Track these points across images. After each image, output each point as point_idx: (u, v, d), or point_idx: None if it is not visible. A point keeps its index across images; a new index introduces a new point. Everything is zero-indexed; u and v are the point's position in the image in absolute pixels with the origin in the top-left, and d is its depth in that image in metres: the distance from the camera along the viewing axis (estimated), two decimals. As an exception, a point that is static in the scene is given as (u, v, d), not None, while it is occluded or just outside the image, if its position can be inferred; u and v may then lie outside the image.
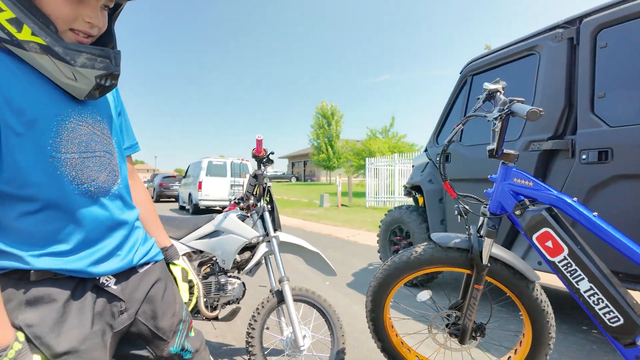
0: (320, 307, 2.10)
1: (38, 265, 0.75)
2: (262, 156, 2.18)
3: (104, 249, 0.85)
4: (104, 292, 0.86)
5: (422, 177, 4.01)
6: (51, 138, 0.75)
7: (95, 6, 0.78)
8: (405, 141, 22.37)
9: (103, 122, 0.87)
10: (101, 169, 0.84)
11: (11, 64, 0.72)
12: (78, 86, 0.78)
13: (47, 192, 0.76)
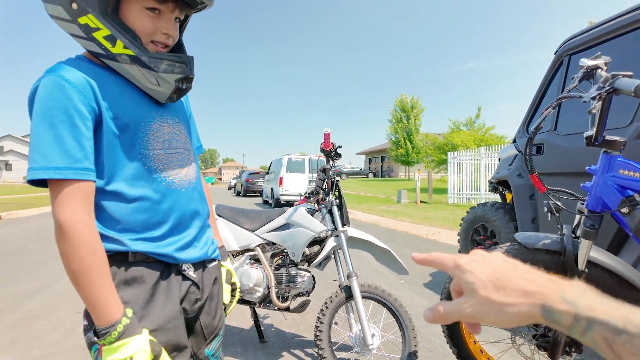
0: (390, 305, 2.02)
1: (135, 248, 0.84)
2: (330, 150, 2.16)
3: (186, 237, 0.93)
4: (186, 278, 0.94)
5: (510, 171, 3.63)
6: (140, 138, 0.85)
7: (170, 19, 0.87)
8: (493, 133, 20.62)
9: (180, 123, 0.97)
10: (182, 164, 0.93)
11: (107, 77, 0.83)
12: (161, 90, 0.87)
13: (139, 184, 0.85)
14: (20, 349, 2.35)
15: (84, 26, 0.79)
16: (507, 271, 0.40)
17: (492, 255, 0.43)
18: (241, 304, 2.26)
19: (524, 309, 0.37)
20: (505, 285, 0.38)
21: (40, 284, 3.77)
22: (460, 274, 0.42)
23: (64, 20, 0.80)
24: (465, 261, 0.42)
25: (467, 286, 0.40)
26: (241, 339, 2.53)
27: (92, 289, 0.75)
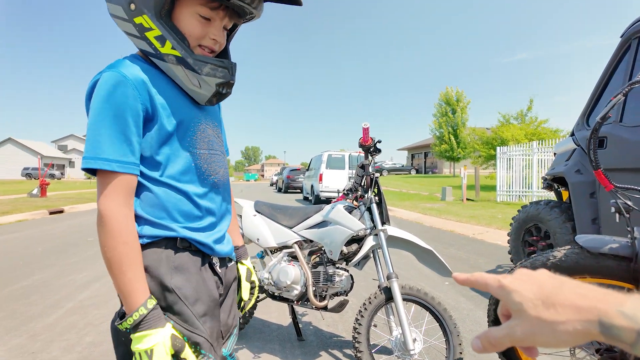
0: (433, 309, 1.91)
1: (183, 234, 0.89)
2: (369, 145, 2.07)
3: (220, 232, 0.99)
4: (215, 273, 0.98)
5: (567, 167, 3.34)
6: (189, 136, 0.90)
7: (220, 26, 0.90)
8: (547, 127, 19.29)
9: (217, 127, 1.02)
10: (220, 165, 0.99)
11: (159, 76, 0.87)
12: (201, 92, 0.90)
13: (187, 179, 0.90)
14: (75, 336, 2.50)
15: (139, 25, 0.84)
16: (555, 287, 0.37)
17: (536, 272, 0.41)
18: (279, 301, 2.25)
19: (580, 327, 0.34)
20: (555, 303, 0.36)
21: (95, 274, 4.02)
22: (506, 294, 0.39)
23: (122, 19, 0.85)
24: (509, 281, 0.40)
25: (515, 307, 0.38)
26: (279, 336, 2.52)
27: (121, 277, 0.78)
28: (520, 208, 3.89)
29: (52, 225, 7.76)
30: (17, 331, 2.56)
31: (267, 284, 2.21)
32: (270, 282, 2.20)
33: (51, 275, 3.95)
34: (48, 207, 10.46)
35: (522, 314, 0.37)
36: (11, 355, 2.21)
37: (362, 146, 2.09)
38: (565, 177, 3.32)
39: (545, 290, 0.37)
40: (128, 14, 0.84)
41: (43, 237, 6.29)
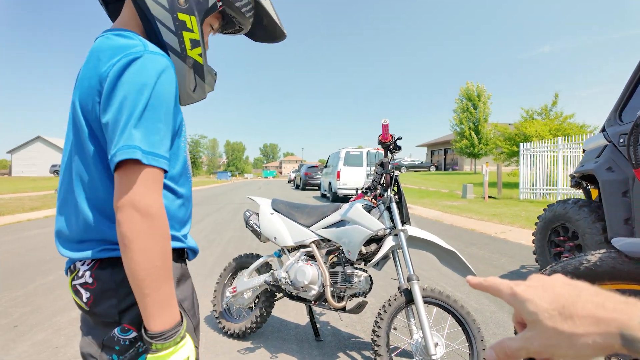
0: (456, 313, 1.84)
1: (188, 244, 0.84)
2: (388, 142, 2.01)
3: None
4: None
5: (598, 164, 3.18)
6: (184, 137, 0.84)
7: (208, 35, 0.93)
8: (573, 122, 18.58)
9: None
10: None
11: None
12: (191, 96, 0.89)
13: (182, 182, 0.84)
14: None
15: (181, 22, 0.80)
16: (571, 296, 0.35)
17: (551, 278, 0.38)
18: (296, 300, 2.22)
19: (600, 340, 0.32)
20: (572, 313, 0.33)
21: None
22: (519, 303, 0.37)
23: (161, 5, 0.78)
24: (522, 289, 0.37)
25: (530, 317, 0.36)
26: (297, 336, 2.49)
27: (168, 285, 0.68)
28: (547, 207, 3.74)
29: (77, 221, 7.99)
30: (42, 325, 2.62)
31: (285, 283, 2.18)
32: (288, 281, 2.17)
33: (75, 271, 4.05)
34: (74, 204, 10.78)
35: (538, 325, 0.35)
36: (36, 350, 2.26)
37: (382, 143, 2.03)
38: (596, 174, 3.17)
39: (562, 299, 0.35)
40: (172, 6, 0.78)
41: (68, 233, 6.47)
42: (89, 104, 0.71)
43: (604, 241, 3.07)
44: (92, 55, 0.73)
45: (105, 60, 0.70)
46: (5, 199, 11.99)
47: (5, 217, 8.02)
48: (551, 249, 3.64)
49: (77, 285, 0.75)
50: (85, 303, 0.74)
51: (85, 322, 0.79)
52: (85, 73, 0.73)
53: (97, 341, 0.74)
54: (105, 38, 0.75)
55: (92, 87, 0.70)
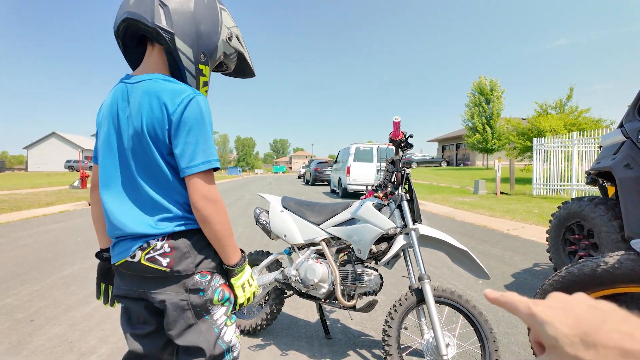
0: (467, 312, 1.81)
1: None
2: (400, 140, 1.98)
3: None
4: None
5: (615, 161, 3.10)
6: None
7: None
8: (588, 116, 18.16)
9: None
10: None
11: None
12: None
13: None
14: (110, 326, 2.58)
15: (199, 70, 1.10)
16: (595, 321, 0.32)
17: (573, 299, 0.35)
18: (306, 298, 2.22)
19: None
20: (596, 342, 0.31)
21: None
22: (538, 325, 0.34)
23: (187, 57, 1.07)
24: (541, 309, 0.35)
25: (549, 341, 0.33)
26: (307, 333, 2.50)
27: (231, 239, 1.07)
28: (562, 204, 3.67)
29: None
30: (58, 320, 2.68)
31: (295, 281, 2.18)
32: (298, 279, 2.17)
33: (90, 266, 4.12)
34: (88, 199, 10.97)
35: (558, 351, 0.33)
36: (52, 344, 2.31)
37: (393, 141, 2.00)
38: (613, 171, 3.09)
39: (584, 325, 0.32)
40: (195, 58, 1.08)
41: (83, 228, 6.59)
42: (159, 131, 0.99)
43: (620, 240, 3.00)
44: (151, 95, 1.00)
45: (169, 101, 0.98)
46: (22, 194, 12.26)
47: (22, 212, 8.20)
48: (565, 247, 3.58)
49: (155, 256, 1.02)
50: (165, 267, 1.02)
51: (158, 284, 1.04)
52: (146, 107, 0.99)
53: (182, 289, 1.03)
54: (154, 82, 1.02)
55: (159, 119, 0.98)
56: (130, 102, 1.02)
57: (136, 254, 1.02)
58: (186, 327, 1.04)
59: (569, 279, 1.38)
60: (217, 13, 1.13)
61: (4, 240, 5.51)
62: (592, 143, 10.33)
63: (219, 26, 1.13)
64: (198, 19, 1.07)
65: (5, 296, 3.16)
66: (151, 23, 1.01)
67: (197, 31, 1.07)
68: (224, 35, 1.15)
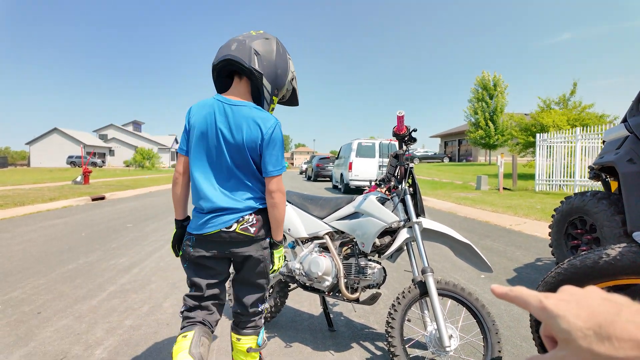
0: (470, 305, 1.83)
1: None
2: (403, 134, 1.99)
3: None
4: None
5: (618, 156, 3.10)
6: None
7: None
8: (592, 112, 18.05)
9: None
10: None
11: None
12: None
13: None
14: (116, 318, 2.61)
15: (272, 100, 1.56)
16: (609, 314, 0.31)
17: (586, 291, 0.35)
18: (310, 291, 2.24)
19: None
20: (610, 334, 0.30)
21: (134, 260, 4.19)
22: (550, 319, 0.34)
23: (267, 91, 1.51)
24: (553, 302, 0.34)
25: (562, 335, 0.33)
26: (310, 326, 2.52)
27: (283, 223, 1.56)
28: (564, 199, 3.67)
29: (94, 211, 8.18)
30: (64, 312, 2.71)
31: (299, 274, 2.20)
32: (302, 272, 2.19)
33: (94, 260, 4.16)
34: (90, 194, 11.02)
35: (571, 345, 0.32)
36: (59, 336, 2.34)
37: (396, 135, 2.01)
38: (616, 166, 3.09)
39: (599, 317, 0.31)
40: (272, 92, 1.54)
41: (86, 223, 6.64)
42: (253, 144, 1.43)
43: (623, 234, 3.00)
44: (249, 119, 1.43)
45: (262, 125, 1.43)
46: (25, 190, 12.32)
47: (26, 207, 8.25)
48: (568, 242, 3.59)
49: (247, 226, 1.48)
50: (252, 233, 1.48)
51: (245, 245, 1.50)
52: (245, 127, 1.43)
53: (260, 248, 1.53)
54: (249, 109, 1.45)
55: (255, 136, 1.43)
56: (229, 119, 1.44)
57: (232, 226, 1.46)
58: (260, 272, 1.55)
59: (571, 271, 1.39)
60: (287, 61, 1.57)
61: (8, 234, 5.55)
62: (595, 138, 10.29)
63: (288, 71, 1.57)
64: (276, 65, 1.50)
65: (12, 289, 3.19)
66: (248, 65, 1.43)
67: (275, 73, 1.51)
68: (289, 77, 1.60)
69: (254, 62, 1.43)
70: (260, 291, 1.61)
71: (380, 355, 2.13)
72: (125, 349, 2.19)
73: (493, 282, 3.39)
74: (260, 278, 1.57)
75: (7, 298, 2.99)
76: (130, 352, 2.15)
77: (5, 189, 12.97)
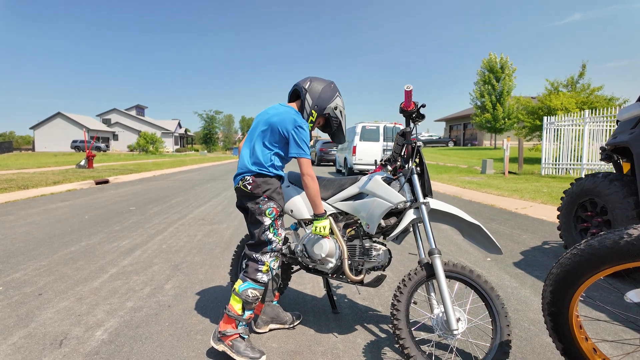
0: (479, 287, 1.77)
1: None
2: (411, 110, 1.89)
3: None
4: None
5: (633, 136, 2.99)
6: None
7: None
8: (600, 94, 17.68)
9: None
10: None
11: None
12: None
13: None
14: (117, 300, 2.59)
15: (311, 113, 2.01)
16: None
17: None
18: (313, 273, 2.19)
19: None
20: None
21: (137, 242, 4.17)
22: None
23: (309, 104, 2.00)
24: None
25: None
26: (314, 308, 2.48)
27: (319, 197, 1.93)
28: (575, 181, 3.57)
29: (98, 195, 8.17)
30: (66, 294, 2.69)
31: (301, 256, 2.15)
32: (305, 254, 2.13)
33: (96, 242, 4.14)
34: (94, 178, 11.03)
35: None
36: (60, 317, 2.32)
37: (404, 111, 1.91)
38: (630, 146, 2.99)
39: None
40: (312, 107, 2.00)
41: (90, 206, 6.63)
42: (278, 129, 1.91)
43: (635, 217, 2.92)
44: (289, 112, 1.93)
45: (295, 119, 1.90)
46: (29, 174, 12.35)
47: (30, 191, 8.26)
48: (577, 225, 3.51)
49: (246, 184, 1.92)
50: (249, 189, 1.91)
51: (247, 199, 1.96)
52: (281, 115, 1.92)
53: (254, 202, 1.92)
54: (294, 111, 1.97)
55: (283, 123, 1.90)
56: (275, 110, 1.98)
57: (239, 182, 1.97)
58: (254, 221, 1.94)
59: (589, 252, 1.32)
60: (334, 94, 2.06)
61: (12, 217, 5.55)
62: (603, 122, 10.09)
63: (332, 100, 2.04)
64: (322, 91, 2.03)
65: (14, 271, 3.18)
66: (300, 85, 2.03)
67: (319, 96, 2.01)
68: (332, 105, 2.04)
69: (305, 85, 2.02)
70: (253, 238, 1.94)
71: (384, 338, 2.08)
72: (126, 330, 2.16)
73: (499, 265, 3.34)
74: (254, 227, 1.94)
75: (8, 279, 2.98)
76: (131, 333, 2.13)
77: (9, 172, 13.02)
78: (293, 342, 2.05)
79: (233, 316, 1.84)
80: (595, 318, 1.73)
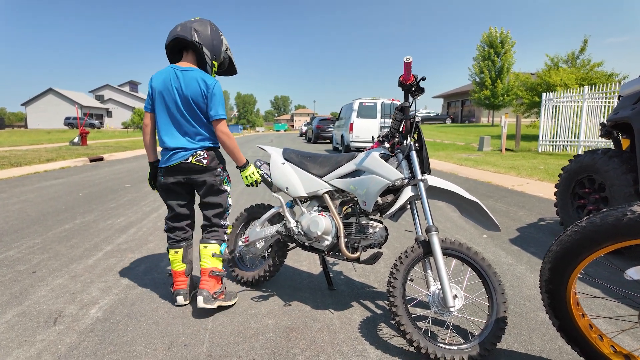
0: (476, 265, 1.75)
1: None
2: (410, 83, 1.82)
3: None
4: None
5: (635, 111, 2.93)
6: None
7: None
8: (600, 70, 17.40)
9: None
10: None
11: None
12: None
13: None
14: (112, 278, 2.57)
15: (213, 64, 2.10)
16: None
17: None
18: (309, 251, 2.17)
19: None
20: None
21: (132, 220, 4.13)
22: None
23: (208, 57, 2.06)
24: None
25: None
26: (310, 285, 2.48)
27: (238, 151, 2.08)
28: (573, 158, 3.54)
29: (92, 172, 8.08)
30: (60, 272, 2.67)
31: (297, 233, 2.12)
32: (301, 232, 2.11)
33: (91, 220, 4.10)
34: (88, 155, 10.89)
35: None
36: (54, 295, 2.30)
37: (403, 85, 1.84)
38: (632, 122, 2.94)
39: None
40: (211, 58, 2.08)
41: (84, 183, 6.56)
42: (200, 100, 1.98)
43: (633, 193, 2.90)
44: (197, 78, 1.97)
45: (207, 82, 1.98)
46: (22, 151, 12.17)
47: (23, 168, 8.15)
48: (574, 202, 3.50)
49: (200, 159, 2.02)
50: (205, 164, 2.03)
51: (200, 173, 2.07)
52: (192, 84, 1.96)
53: (213, 175, 2.08)
54: (196, 72, 1.99)
55: (200, 92, 1.97)
56: (181, 80, 1.96)
57: (189, 159, 2.01)
58: (215, 193, 2.11)
59: (590, 229, 1.29)
60: (220, 36, 2.10)
61: (5, 195, 5.48)
62: (602, 98, 9.98)
63: (222, 42, 2.11)
64: (212, 37, 2.04)
65: (8, 249, 3.15)
66: (190, 39, 1.97)
67: (212, 44, 2.04)
68: (224, 48, 2.13)
69: (194, 37, 1.97)
70: (219, 207, 2.14)
71: (380, 314, 2.09)
72: (120, 308, 2.15)
73: (495, 241, 3.34)
74: (216, 196, 2.12)
75: (2, 257, 2.95)
76: (126, 311, 2.12)
77: (2, 149, 12.82)
78: (289, 319, 2.05)
79: (221, 274, 2.12)
80: (591, 295, 1.72)
